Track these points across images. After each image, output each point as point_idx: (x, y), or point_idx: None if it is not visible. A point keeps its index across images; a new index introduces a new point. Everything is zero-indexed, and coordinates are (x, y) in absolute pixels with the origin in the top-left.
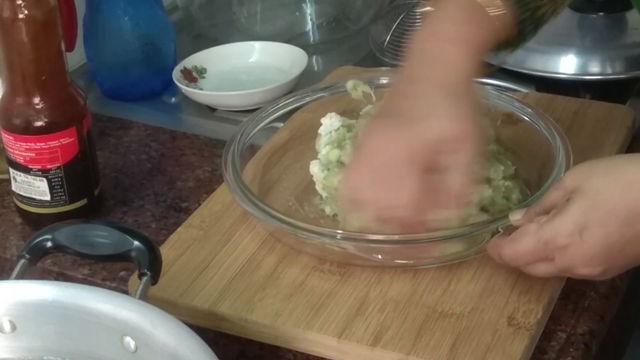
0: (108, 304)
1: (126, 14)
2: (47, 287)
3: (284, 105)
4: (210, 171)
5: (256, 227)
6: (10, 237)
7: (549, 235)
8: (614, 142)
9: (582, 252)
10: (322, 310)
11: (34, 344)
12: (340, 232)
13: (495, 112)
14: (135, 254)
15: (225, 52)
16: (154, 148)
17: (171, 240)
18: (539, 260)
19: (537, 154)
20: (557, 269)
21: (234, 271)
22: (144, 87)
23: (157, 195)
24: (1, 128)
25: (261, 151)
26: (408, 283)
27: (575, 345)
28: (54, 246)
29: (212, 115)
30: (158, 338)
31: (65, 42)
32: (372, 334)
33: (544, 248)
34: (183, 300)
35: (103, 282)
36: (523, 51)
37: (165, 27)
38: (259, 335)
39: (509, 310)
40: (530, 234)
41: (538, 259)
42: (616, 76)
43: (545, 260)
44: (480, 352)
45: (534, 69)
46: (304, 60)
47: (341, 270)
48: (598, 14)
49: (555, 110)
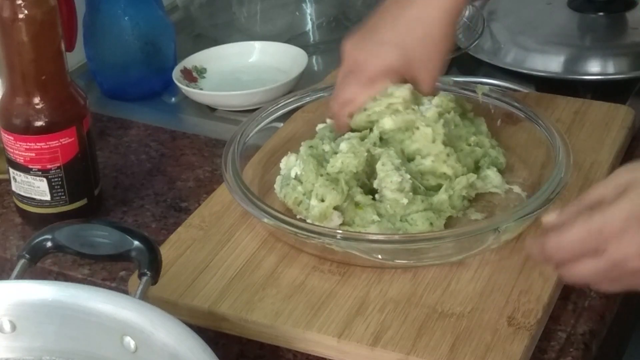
0: (108, 304)
1: (126, 14)
2: (47, 287)
3: (284, 105)
4: (210, 171)
5: (256, 227)
6: (10, 237)
7: (602, 222)
8: (614, 142)
9: (639, 239)
10: (322, 310)
11: (34, 344)
12: (340, 232)
13: (495, 112)
14: (135, 253)
15: (225, 52)
16: (154, 148)
17: (171, 240)
18: (586, 253)
19: (537, 154)
20: (606, 264)
21: (234, 271)
22: (144, 87)
23: (157, 195)
24: (1, 128)
25: (261, 151)
26: (408, 283)
27: (575, 345)
28: (54, 246)
29: (212, 115)
30: (158, 338)
31: (65, 42)
32: (372, 334)
33: (597, 237)
34: (183, 300)
35: (103, 282)
36: (523, 51)
37: (165, 27)
38: (259, 335)
39: (509, 310)
40: (580, 222)
41: (586, 252)
42: (616, 76)
43: (594, 255)
44: (480, 352)
45: (534, 69)
46: (304, 60)
47: (341, 270)
48: (598, 14)
49: (555, 110)
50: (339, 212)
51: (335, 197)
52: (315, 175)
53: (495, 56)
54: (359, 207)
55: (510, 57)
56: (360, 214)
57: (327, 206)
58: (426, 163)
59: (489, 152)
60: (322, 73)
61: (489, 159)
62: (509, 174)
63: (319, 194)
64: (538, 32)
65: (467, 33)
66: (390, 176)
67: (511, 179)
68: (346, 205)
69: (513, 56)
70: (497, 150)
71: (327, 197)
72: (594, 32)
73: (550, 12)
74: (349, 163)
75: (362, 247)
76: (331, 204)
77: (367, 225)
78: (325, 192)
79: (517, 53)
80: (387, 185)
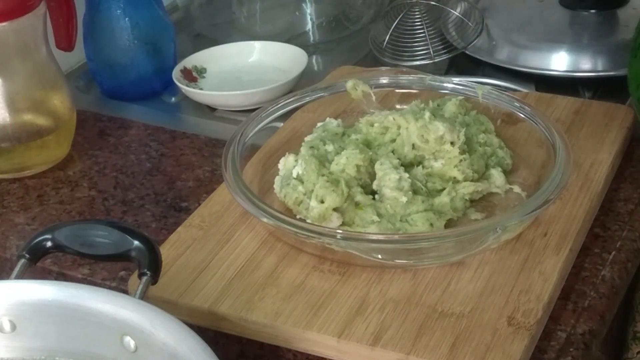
0: (108, 304)
1: (126, 14)
2: (47, 287)
3: (284, 105)
4: (210, 171)
5: (256, 227)
6: (10, 237)
7: None
8: (614, 142)
9: None
10: (322, 310)
11: (34, 344)
12: (340, 232)
13: (495, 112)
14: (135, 253)
15: (225, 52)
16: (154, 148)
17: (171, 240)
18: None
19: (537, 154)
20: None
21: (233, 271)
22: (144, 87)
23: (157, 195)
24: None
25: (261, 151)
26: (408, 283)
27: (575, 345)
28: (54, 246)
29: (212, 115)
30: (158, 338)
31: (66, 42)
32: (372, 333)
33: None
34: (183, 300)
35: (103, 282)
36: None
37: (165, 27)
38: (259, 335)
39: (509, 310)
40: None
41: None
42: (615, 72)
43: None
44: (480, 352)
45: (528, 66)
46: (304, 60)
47: (341, 270)
48: (590, 11)
49: (555, 110)
50: (338, 213)
51: (335, 199)
52: (317, 175)
53: (490, 54)
54: (359, 207)
55: (505, 54)
56: (360, 214)
57: (326, 208)
58: (436, 165)
59: (497, 152)
60: (322, 73)
61: (495, 159)
62: (509, 173)
63: (319, 195)
64: (531, 29)
65: (461, 31)
66: (388, 174)
67: (511, 179)
68: (346, 205)
69: (507, 54)
70: (505, 152)
71: (326, 199)
72: (586, 30)
73: (542, 10)
74: (354, 158)
75: (362, 247)
76: (331, 206)
77: (367, 226)
78: (325, 194)
79: (511, 51)
80: (386, 184)
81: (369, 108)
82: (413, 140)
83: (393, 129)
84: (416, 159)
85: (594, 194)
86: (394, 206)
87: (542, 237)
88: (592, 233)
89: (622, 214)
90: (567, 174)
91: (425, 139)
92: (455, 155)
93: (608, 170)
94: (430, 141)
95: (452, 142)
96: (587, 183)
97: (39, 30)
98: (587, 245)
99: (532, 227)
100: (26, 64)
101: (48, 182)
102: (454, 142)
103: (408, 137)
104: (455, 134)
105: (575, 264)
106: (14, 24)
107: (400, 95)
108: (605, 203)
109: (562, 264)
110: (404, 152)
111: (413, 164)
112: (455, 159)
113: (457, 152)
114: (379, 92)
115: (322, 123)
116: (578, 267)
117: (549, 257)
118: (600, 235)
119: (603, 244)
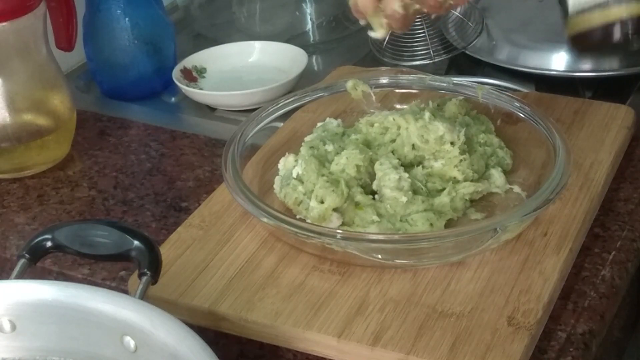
0: (108, 304)
1: (126, 14)
2: (47, 287)
3: (284, 105)
4: (210, 171)
5: (256, 227)
6: (10, 237)
7: None
8: (614, 142)
9: None
10: (322, 310)
11: (34, 344)
12: (340, 232)
13: (495, 112)
14: (135, 253)
15: (225, 52)
16: (154, 148)
17: (171, 240)
18: None
19: (537, 154)
20: None
21: (233, 271)
22: (144, 87)
23: (157, 195)
24: None
25: (261, 151)
26: (408, 283)
27: (575, 345)
28: (54, 246)
29: (212, 115)
30: (158, 338)
31: (66, 42)
32: (372, 333)
33: None
34: (183, 300)
35: (103, 282)
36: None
37: (165, 27)
38: (259, 335)
39: (509, 310)
40: None
41: None
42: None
43: None
44: (480, 352)
45: (528, 66)
46: (304, 60)
47: (341, 270)
48: None
49: (555, 110)
50: (338, 213)
51: (334, 199)
52: (317, 176)
53: (490, 54)
54: (359, 208)
55: (505, 54)
56: (360, 214)
57: (326, 208)
58: (436, 166)
59: (497, 152)
60: (322, 73)
61: (495, 159)
62: (509, 173)
63: (319, 195)
64: (531, 29)
65: (461, 31)
66: (388, 174)
67: (511, 179)
68: (346, 205)
69: (507, 54)
70: (505, 152)
71: (326, 199)
72: None
73: (542, 10)
74: (354, 158)
75: (362, 247)
76: (331, 206)
77: (367, 226)
78: (325, 194)
79: (510, 51)
80: (386, 184)
81: (369, 108)
82: (413, 140)
83: (393, 129)
84: (416, 159)
85: (594, 194)
86: (394, 206)
87: (542, 237)
88: (592, 233)
89: (622, 214)
90: (567, 174)
91: (425, 139)
92: (455, 155)
93: (608, 170)
94: (430, 141)
95: (452, 142)
96: (587, 183)
97: (39, 30)
98: (587, 245)
99: (532, 227)
100: (26, 64)
101: (48, 182)
102: (454, 142)
103: (408, 137)
104: (455, 134)
105: (575, 264)
106: (14, 24)
107: (400, 95)
108: (605, 203)
109: (562, 264)
110: (404, 152)
111: (413, 164)
112: (455, 159)
113: (457, 152)
114: (379, 92)
115: (322, 123)
116: (578, 267)
117: (549, 257)
118: (600, 235)
119: (603, 244)
